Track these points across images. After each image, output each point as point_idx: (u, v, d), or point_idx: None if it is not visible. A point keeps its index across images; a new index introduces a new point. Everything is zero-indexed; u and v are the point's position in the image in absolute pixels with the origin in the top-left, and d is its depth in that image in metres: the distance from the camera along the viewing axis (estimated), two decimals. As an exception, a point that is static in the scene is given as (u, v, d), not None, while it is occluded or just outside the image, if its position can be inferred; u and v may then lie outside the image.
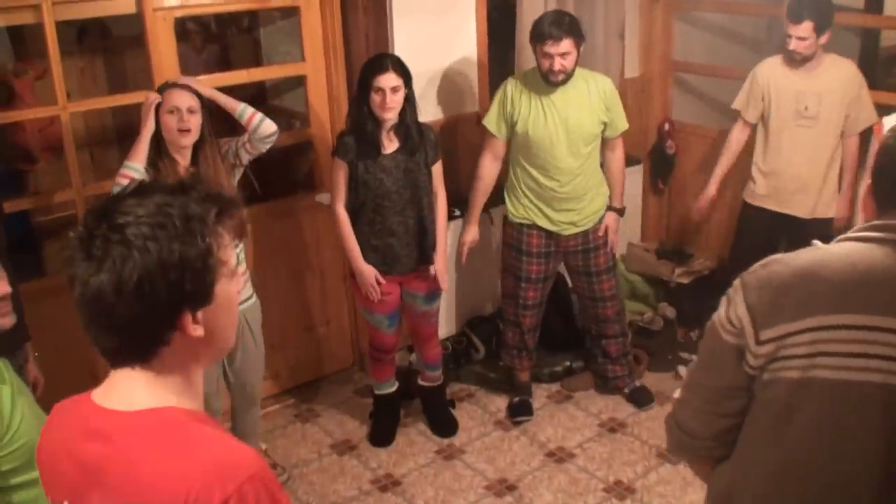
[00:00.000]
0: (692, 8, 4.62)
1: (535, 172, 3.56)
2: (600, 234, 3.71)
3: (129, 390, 1.18)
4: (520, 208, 3.66)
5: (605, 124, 3.57)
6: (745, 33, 4.62)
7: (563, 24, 3.33)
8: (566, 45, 3.32)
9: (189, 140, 2.82)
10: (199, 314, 1.16)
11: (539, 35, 3.36)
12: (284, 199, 3.92)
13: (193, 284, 1.14)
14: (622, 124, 3.64)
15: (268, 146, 3.04)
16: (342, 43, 3.74)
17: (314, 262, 4.00)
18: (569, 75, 3.41)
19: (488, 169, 3.68)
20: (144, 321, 1.13)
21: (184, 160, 2.86)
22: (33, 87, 3.88)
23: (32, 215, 3.97)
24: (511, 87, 3.54)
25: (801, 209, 3.77)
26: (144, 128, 2.78)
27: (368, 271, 3.35)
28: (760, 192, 3.84)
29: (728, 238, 4.24)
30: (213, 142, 2.90)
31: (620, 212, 3.80)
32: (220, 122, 3.07)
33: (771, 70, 3.72)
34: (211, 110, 2.96)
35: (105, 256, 1.10)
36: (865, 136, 3.73)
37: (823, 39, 3.54)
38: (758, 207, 3.86)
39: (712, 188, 3.99)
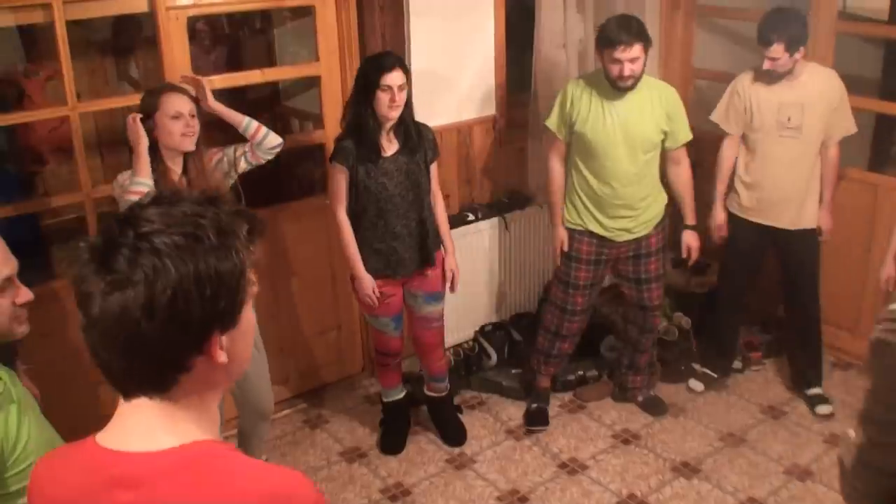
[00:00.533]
0: (713, 14, 4.55)
1: (590, 177, 3.50)
2: (654, 245, 3.64)
3: (148, 427, 1.07)
4: (573, 214, 3.60)
5: (665, 134, 3.50)
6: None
7: (631, 29, 3.25)
8: (637, 50, 3.25)
9: (192, 144, 2.79)
10: (225, 338, 1.06)
11: (608, 41, 3.27)
12: (296, 201, 3.87)
13: (227, 304, 1.03)
14: (685, 135, 3.56)
15: (271, 156, 3.04)
16: (358, 43, 3.68)
17: (325, 265, 3.95)
18: (637, 80, 3.34)
19: (558, 169, 3.62)
20: (172, 344, 1.01)
21: (177, 167, 2.83)
22: (44, 88, 3.84)
23: (41, 218, 3.93)
24: (572, 88, 3.49)
25: (785, 221, 3.71)
26: (140, 143, 2.73)
27: (368, 281, 3.31)
28: (745, 205, 3.77)
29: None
30: (204, 150, 2.88)
31: (696, 228, 3.72)
32: (212, 131, 3.04)
33: (751, 82, 3.65)
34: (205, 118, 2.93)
35: (133, 269, 0.98)
36: (843, 145, 3.67)
37: (798, 55, 3.47)
38: (742, 219, 3.80)
39: (720, 213, 3.85)
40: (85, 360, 3.13)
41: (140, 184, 2.70)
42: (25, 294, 1.85)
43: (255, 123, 2.97)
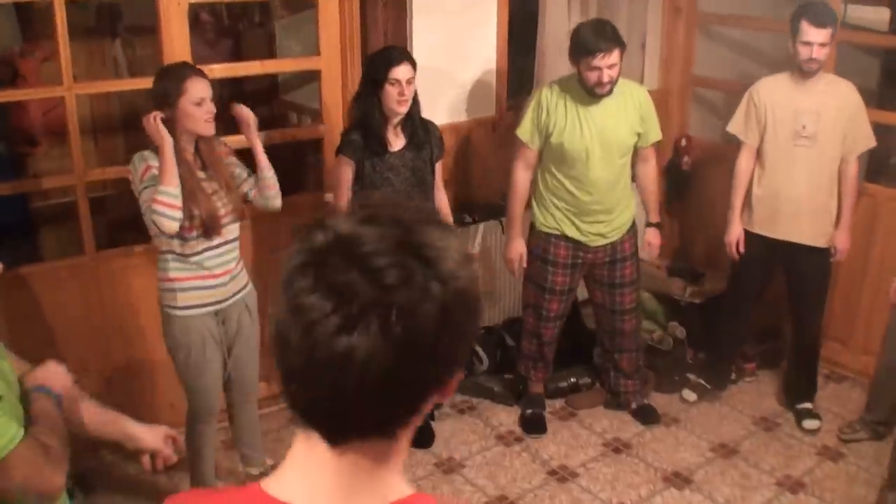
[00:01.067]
0: (716, 22, 4.53)
1: (567, 183, 3.46)
2: (627, 249, 3.62)
3: (355, 480, 0.88)
4: (549, 218, 3.56)
5: (638, 135, 3.48)
6: (766, 51, 4.53)
7: (608, 35, 3.21)
8: (615, 55, 3.22)
9: (213, 129, 2.73)
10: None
11: (586, 49, 3.22)
12: (290, 196, 3.80)
13: (476, 331, 0.90)
14: (655, 134, 3.55)
15: (264, 209, 2.98)
16: (360, 38, 3.64)
17: (318, 262, 3.89)
18: (613, 86, 3.30)
19: (522, 179, 3.57)
20: (432, 378, 0.85)
21: (190, 147, 2.76)
22: (39, 69, 3.78)
23: (30, 200, 3.87)
24: (546, 96, 3.42)
25: (798, 236, 3.62)
26: (166, 145, 2.60)
27: None
28: (756, 218, 3.69)
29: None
30: (217, 136, 2.83)
31: (659, 226, 3.71)
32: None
33: (769, 89, 3.59)
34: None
35: (412, 291, 0.81)
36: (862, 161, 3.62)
37: (831, 50, 3.45)
38: (753, 234, 3.71)
39: (736, 226, 3.73)
40: (65, 343, 3.03)
41: (167, 194, 2.58)
42: None
43: (274, 180, 2.91)
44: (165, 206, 2.58)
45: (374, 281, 0.80)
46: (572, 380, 4.04)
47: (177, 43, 3.27)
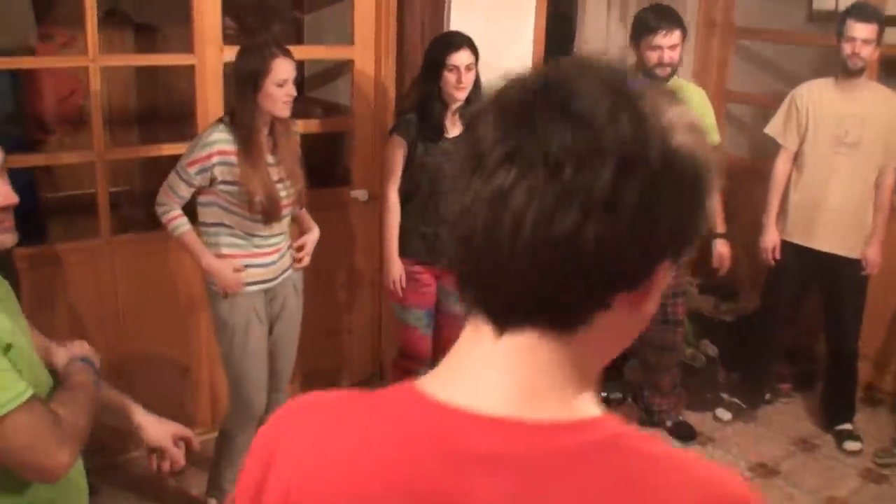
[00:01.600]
0: (751, 37, 4.46)
1: None
2: (714, 264, 3.55)
3: (536, 384, 0.70)
4: None
5: None
6: (793, 68, 4.47)
7: (671, 15, 3.22)
8: (677, 36, 3.20)
9: (289, 110, 2.64)
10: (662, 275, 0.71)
11: (648, 27, 3.20)
12: (316, 190, 3.65)
13: (698, 216, 0.71)
14: (713, 137, 3.45)
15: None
16: (396, 30, 3.53)
17: (342, 263, 3.72)
18: (675, 70, 3.26)
19: None
20: (611, 256, 0.65)
21: (265, 128, 2.65)
22: (58, 55, 3.62)
23: (40, 190, 3.69)
24: None
25: (835, 246, 3.49)
26: (204, 260, 2.64)
27: (398, 267, 3.13)
28: (792, 226, 3.57)
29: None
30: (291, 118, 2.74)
31: (724, 236, 3.61)
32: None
33: (812, 92, 3.49)
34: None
35: (637, 134, 0.66)
36: None
37: (877, 52, 3.36)
38: (788, 243, 3.59)
39: (772, 232, 3.61)
40: (72, 328, 2.80)
41: (179, 235, 2.65)
42: (6, 195, 1.48)
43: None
44: (169, 222, 2.62)
45: (559, 110, 0.66)
46: (603, 394, 3.87)
47: (208, 26, 3.15)
